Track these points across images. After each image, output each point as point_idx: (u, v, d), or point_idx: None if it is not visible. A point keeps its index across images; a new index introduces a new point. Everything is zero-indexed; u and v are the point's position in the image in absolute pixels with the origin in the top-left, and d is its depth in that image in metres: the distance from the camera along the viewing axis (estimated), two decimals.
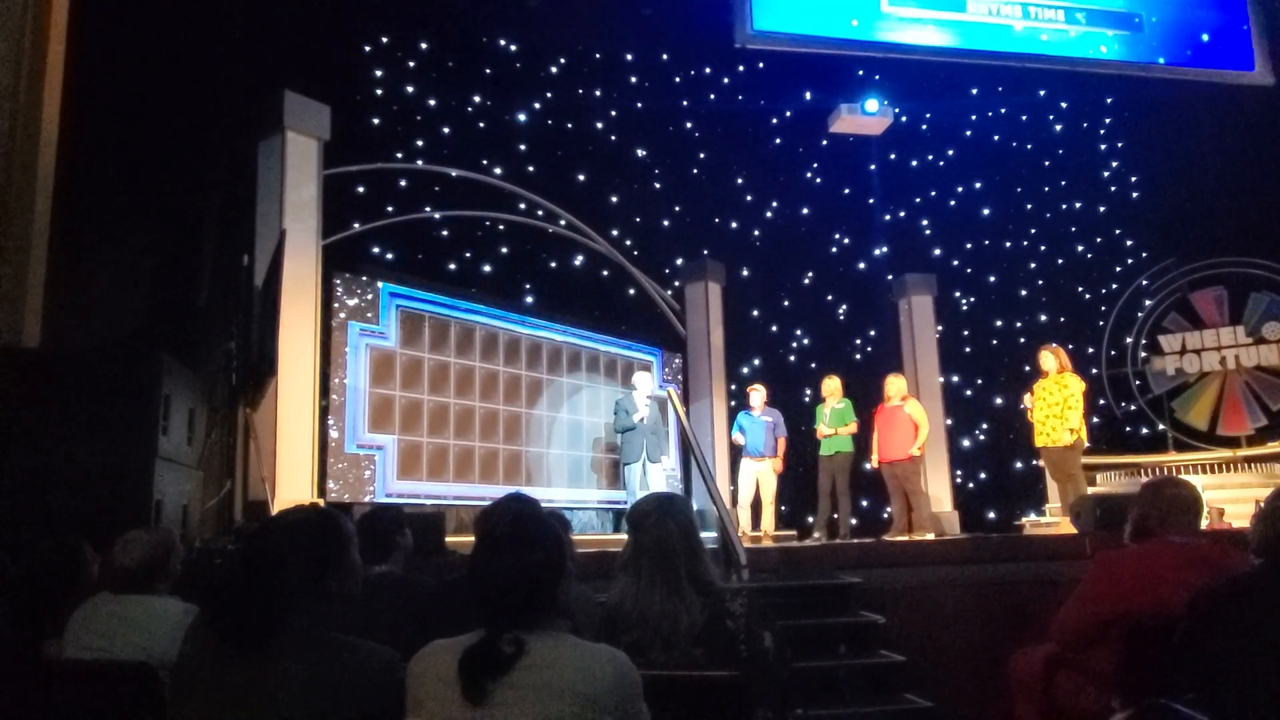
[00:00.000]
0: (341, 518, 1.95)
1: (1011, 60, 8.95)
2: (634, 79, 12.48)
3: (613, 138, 12.31)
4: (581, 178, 11.98)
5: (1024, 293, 14.00)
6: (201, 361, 6.94)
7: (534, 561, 1.72)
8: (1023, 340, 13.31)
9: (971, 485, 12.90)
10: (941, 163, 14.02)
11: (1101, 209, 14.17)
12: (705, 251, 12.00)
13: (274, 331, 6.53)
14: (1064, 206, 14.16)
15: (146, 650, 2.75)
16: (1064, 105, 13.92)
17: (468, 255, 10.89)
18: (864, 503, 11.37)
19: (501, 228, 11.16)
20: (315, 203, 7.59)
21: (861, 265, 13.69)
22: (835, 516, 8.66)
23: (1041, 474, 10.42)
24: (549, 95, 11.81)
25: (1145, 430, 13.47)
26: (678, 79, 12.72)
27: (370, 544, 3.10)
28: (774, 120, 13.36)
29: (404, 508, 6.86)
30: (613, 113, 12.32)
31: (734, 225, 13.11)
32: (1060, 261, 14.10)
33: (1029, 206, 14.10)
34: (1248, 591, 2.35)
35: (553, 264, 11.65)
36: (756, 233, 13.26)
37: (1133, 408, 13.60)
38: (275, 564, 1.78)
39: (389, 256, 9.99)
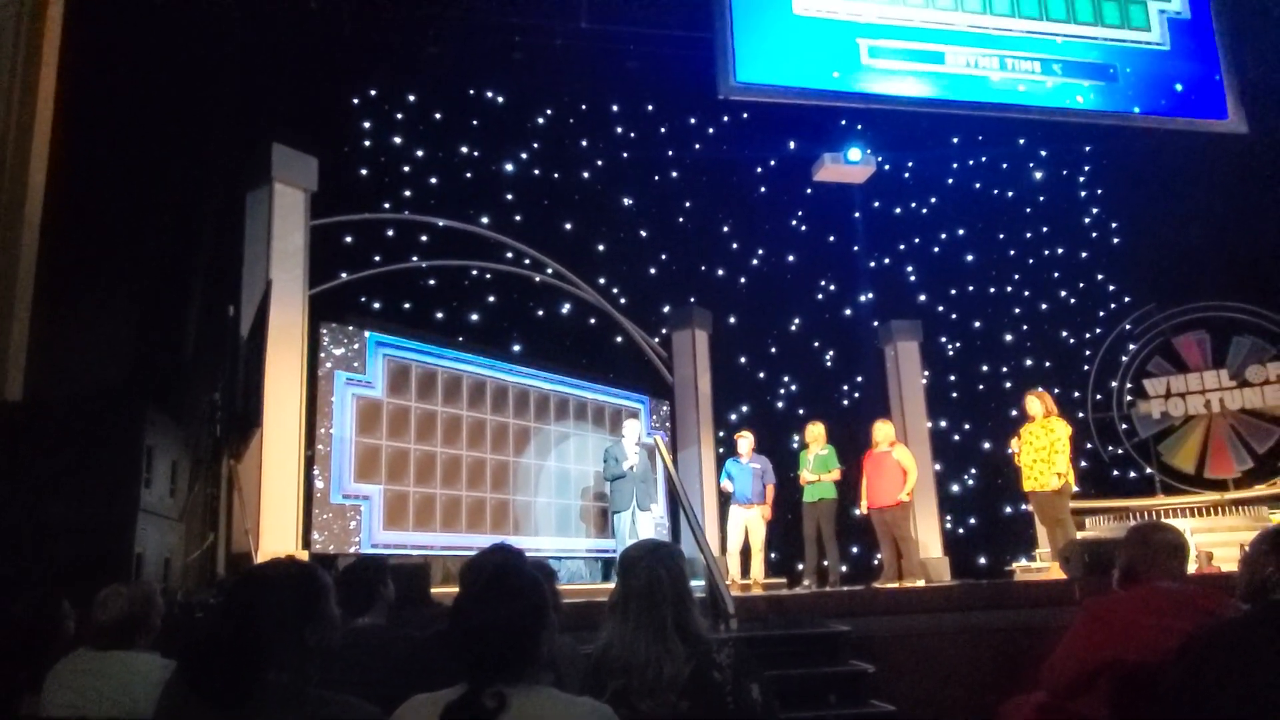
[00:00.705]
0: (319, 570, 1.93)
1: (990, 110, 9.09)
2: (620, 129, 12.64)
3: (599, 187, 12.43)
4: (568, 227, 12.07)
5: (1009, 338, 14.09)
6: (186, 413, 6.89)
7: (515, 614, 1.70)
8: (1009, 385, 13.37)
9: (961, 531, 12.87)
10: (924, 210, 14.20)
11: (1083, 254, 14.34)
12: (692, 299, 12.07)
13: (259, 382, 6.52)
14: (1046, 252, 14.32)
15: (125, 707, 2.70)
16: (1043, 153, 14.15)
17: (455, 304, 10.92)
18: (854, 549, 11.32)
19: (489, 277, 11.21)
20: (302, 253, 7.62)
21: (847, 311, 13.77)
22: (825, 563, 8.61)
23: (1031, 519, 10.39)
24: (535, 145, 11.94)
25: (1133, 474, 13.49)
26: (663, 129, 12.88)
27: (352, 595, 3.06)
28: (759, 169, 13.53)
29: (389, 558, 6.81)
30: (599, 162, 12.45)
31: (720, 273, 13.20)
32: (1044, 306, 14.23)
33: (1011, 253, 14.26)
34: (1237, 638, 2.34)
35: (540, 312, 11.69)
36: (743, 280, 13.34)
37: (1119, 451, 13.64)
38: (252, 618, 1.75)
39: (376, 306, 10.01)
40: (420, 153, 11.01)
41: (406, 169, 10.90)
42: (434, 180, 11.04)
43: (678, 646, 2.37)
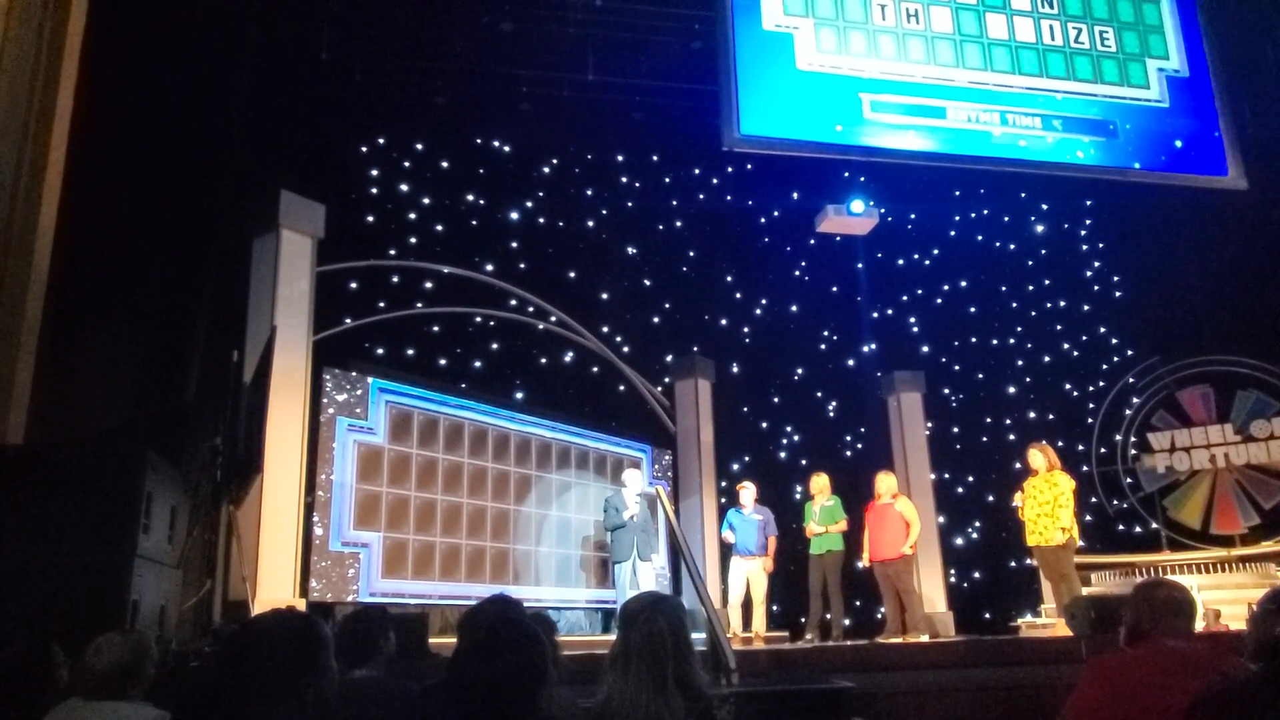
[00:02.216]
0: (319, 622, 1.91)
1: (991, 164, 9.18)
2: (624, 179, 12.76)
3: (603, 236, 12.52)
4: (572, 275, 12.14)
5: (1012, 390, 14.07)
6: (187, 458, 6.88)
7: (513, 667, 1.69)
8: (1012, 437, 13.33)
9: (966, 585, 12.74)
10: (927, 262, 14.28)
11: (1085, 308, 14.38)
12: (695, 348, 12.08)
13: (261, 427, 6.51)
14: (1048, 305, 14.37)
15: None
16: (1045, 207, 14.25)
17: (458, 351, 10.94)
18: (857, 603, 11.20)
19: (492, 324, 11.24)
20: (307, 299, 7.65)
21: (850, 362, 13.77)
22: (829, 617, 8.51)
23: (1036, 573, 10.30)
24: (541, 194, 12.06)
25: (1138, 529, 13.38)
26: (668, 179, 13.01)
27: (352, 646, 3.03)
28: (762, 219, 13.63)
29: (388, 608, 6.72)
30: (603, 211, 12.56)
31: (724, 322, 13.24)
32: (1047, 359, 14.23)
33: (1014, 305, 14.30)
34: (1245, 700, 2.30)
35: (543, 360, 11.70)
36: (746, 330, 13.38)
37: (1125, 505, 13.54)
38: (250, 671, 1.73)
39: (380, 352, 10.03)
40: (427, 200, 11.12)
41: (413, 216, 11.00)
42: (440, 228, 11.13)
43: (678, 701, 2.34)
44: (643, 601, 2.53)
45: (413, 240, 10.88)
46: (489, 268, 11.25)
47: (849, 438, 13.40)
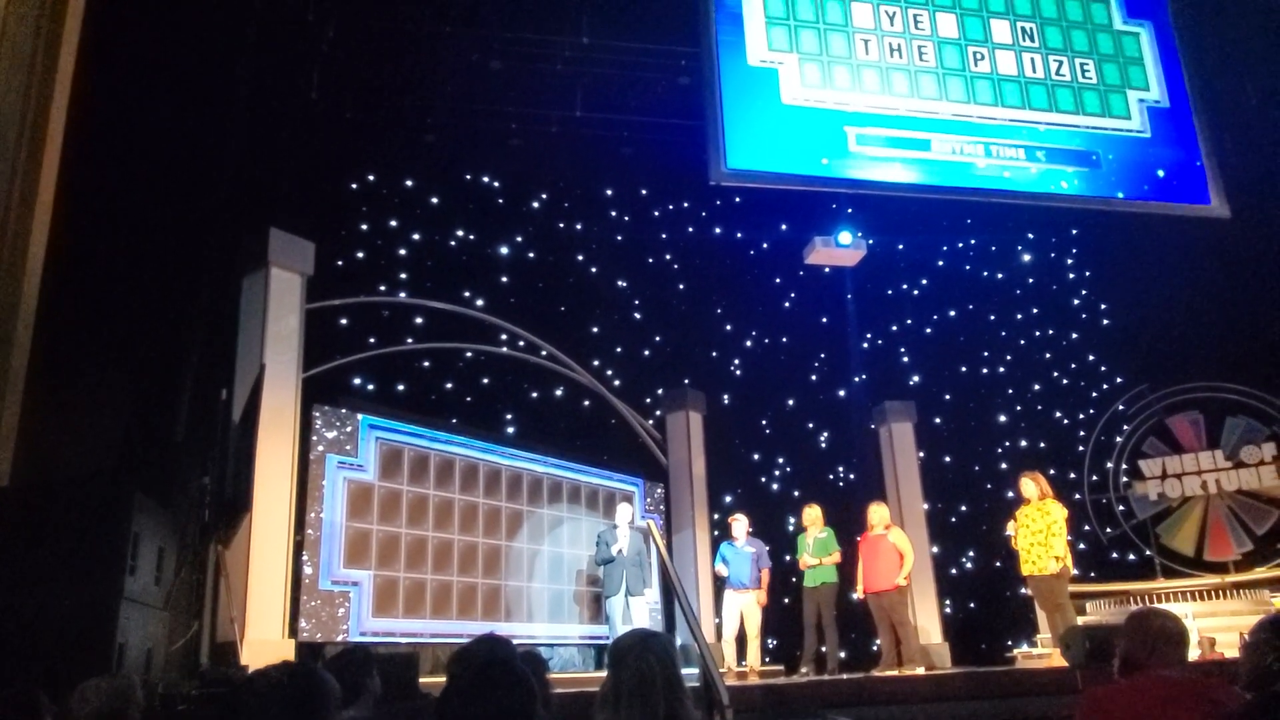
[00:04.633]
0: (322, 677, 1.89)
1: (977, 195, 9.26)
2: (614, 213, 12.82)
3: (593, 270, 12.56)
4: (562, 309, 12.14)
5: (1003, 418, 14.09)
6: (175, 497, 6.82)
7: (501, 709, 1.67)
8: (1004, 466, 13.33)
9: (961, 615, 12.67)
10: (916, 292, 14.35)
11: (1074, 336, 14.45)
12: (686, 381, 12.08)
13: (249, 466, 6.48)
14: (1037, 334, 14.43)
15: None
16: (1031, 236, 14.37)
17: (449, 387, 10.92)
18: (852, 635, 11.13)
19: (483, 359, 11.23)
20: (296, 336, 7.65)
21: (841, 393, 13.78)
22: (824, 649, 8.46)
23: (1031, 603, 10.26)
24: (530, 229, 12.10)
25: (1132, 556, 13.36)
26: (656, 213, 13.08)
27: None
28: (751, 252, 13.68)
29: (377, 647, 6.66)
30: (593, 246, 12.61)
31: (714, 355, 13.25)
32: (1037, 387, 14.27)
33: (1003, 334, 14.36)
34: None
35: (534, 395, 11.68)
36: (736, 362, 13.39)
37: (1118, 533, 13.52)
38: None
39: (369, 388, 10.00)
40: (416, 236, 11.14)
41: (403, 252, 11.02)
42: (430, 263, 11.15)
43: None
44: (633, 639, 2.51)
45: (403, 276, 10.89)
46: (479, 303, 11.26)
47: (841, 468, 13.38)
